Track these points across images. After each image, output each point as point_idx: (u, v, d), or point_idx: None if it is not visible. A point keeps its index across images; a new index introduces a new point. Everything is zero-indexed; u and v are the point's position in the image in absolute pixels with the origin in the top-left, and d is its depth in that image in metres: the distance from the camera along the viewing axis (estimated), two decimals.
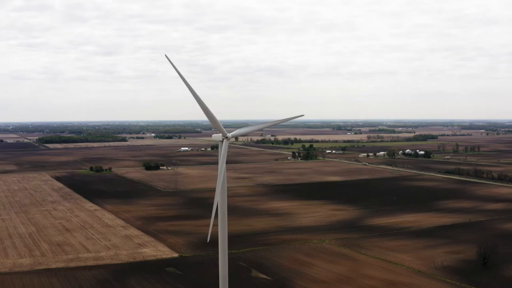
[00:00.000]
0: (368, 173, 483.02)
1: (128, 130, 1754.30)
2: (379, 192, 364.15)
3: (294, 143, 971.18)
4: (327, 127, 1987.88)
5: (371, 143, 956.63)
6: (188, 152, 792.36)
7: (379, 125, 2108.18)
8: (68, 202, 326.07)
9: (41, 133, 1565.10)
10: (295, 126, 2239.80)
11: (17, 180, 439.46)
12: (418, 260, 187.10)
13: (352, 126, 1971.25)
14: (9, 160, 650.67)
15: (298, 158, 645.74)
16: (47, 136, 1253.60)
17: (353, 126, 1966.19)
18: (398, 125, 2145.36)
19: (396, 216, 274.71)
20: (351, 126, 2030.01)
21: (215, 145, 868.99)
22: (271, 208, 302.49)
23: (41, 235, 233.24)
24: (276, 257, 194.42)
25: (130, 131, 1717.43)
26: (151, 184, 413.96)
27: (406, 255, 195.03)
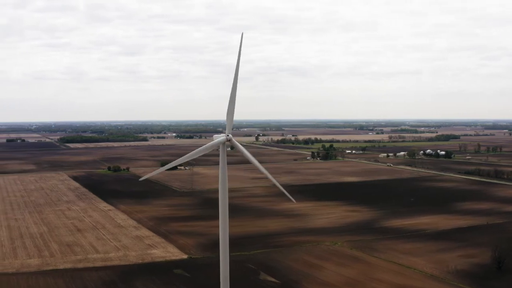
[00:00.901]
0: (386, 173, 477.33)
1: (150, 130, 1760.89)
2: (396, 193, 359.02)
3: (314, 143, 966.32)
4: (349, 127, 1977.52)
5: (392, 143, 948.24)
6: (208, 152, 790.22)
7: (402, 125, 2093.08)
8: (82, 202, 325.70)
9: (63, 132, 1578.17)
10: (316, 126, 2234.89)
11: (35, 180, 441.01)
12: (431, 264, 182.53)
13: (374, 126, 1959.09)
14: (29, 159, 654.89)
15: (317, 158, 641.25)
16: (68, 135, 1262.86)
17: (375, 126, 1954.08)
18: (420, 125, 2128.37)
19: (412, 217, 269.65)
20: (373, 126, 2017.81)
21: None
22: (286, 209, 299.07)
23: (52, 235, 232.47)
24: (286, 260, 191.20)
25: (152, 130, 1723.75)
26: (167, 184, 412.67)
27: (419, 258, 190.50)
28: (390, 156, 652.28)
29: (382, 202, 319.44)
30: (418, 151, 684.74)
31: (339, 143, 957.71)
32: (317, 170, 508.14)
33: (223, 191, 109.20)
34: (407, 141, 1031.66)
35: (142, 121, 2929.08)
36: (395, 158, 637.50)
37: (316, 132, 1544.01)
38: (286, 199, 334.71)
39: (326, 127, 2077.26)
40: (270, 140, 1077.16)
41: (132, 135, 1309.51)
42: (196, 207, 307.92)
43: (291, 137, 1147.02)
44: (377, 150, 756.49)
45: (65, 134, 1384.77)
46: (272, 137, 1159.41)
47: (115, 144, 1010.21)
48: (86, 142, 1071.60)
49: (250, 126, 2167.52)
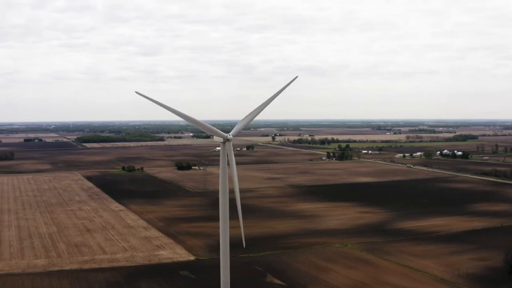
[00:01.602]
0: (402, 174, 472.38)
1: (167, 130, 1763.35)
2: (411, 194, 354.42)
3: (331, 143, 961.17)
4: (367, 127, 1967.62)
5: (410, 143, 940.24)
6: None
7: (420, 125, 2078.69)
8: (94, 202, 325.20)
9: (81, 132, 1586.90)
10: (334, 125, 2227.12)
11: (48, 180, 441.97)
12: (442, 267, 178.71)
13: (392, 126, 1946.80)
14: (45, 159, 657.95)
15: (333, 159, 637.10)
16: (85, 135, 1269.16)
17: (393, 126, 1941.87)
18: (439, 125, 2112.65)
19: (425, 219, 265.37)
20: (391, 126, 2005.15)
21: (250, 145, 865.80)
22: (298, 210, 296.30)
23: (61, 236, 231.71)
24: (294, 262, 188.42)
25: (169, 130, 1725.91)
26: (181, 184, 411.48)
27: (430, 261, 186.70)
28: (406, 156, 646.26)
29: (396, 203, 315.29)
30: (435, 151, 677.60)
31: (355, 143, 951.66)
32: (331, 171, 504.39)
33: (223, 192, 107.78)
34: (425, 141, 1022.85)
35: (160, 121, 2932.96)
36: (412, 158, 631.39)
37: (333, 132, 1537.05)
38: (299, 200, 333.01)
39: (344, 127, 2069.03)
40: (286, 140, 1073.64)
41: (149, 135, 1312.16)
42: (207, 208, 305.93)
43: (307, 137, 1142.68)
44: (393, 151, 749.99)
45: (83, 134, 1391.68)
46: (289, 137, 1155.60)
47: (132, 144, 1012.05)
48: (103, 142, 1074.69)
49: (268, 126, 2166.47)
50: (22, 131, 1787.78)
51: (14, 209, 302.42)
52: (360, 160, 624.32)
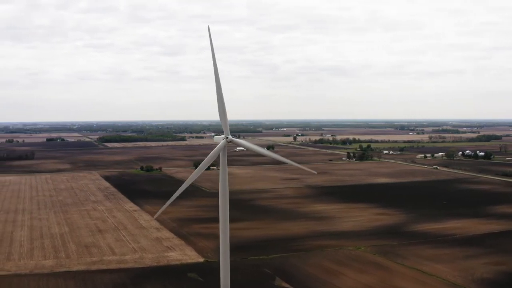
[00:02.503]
0: (422, 175, 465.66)
1: (189, 130, 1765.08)
2: (430, 195, 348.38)
3: (352, 143, 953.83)
4: (390, 127, 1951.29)
5: (432, 144, 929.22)
6: (243, 152, 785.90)
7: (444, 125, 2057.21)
8: (109, 202, 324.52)
9: (104, 132, 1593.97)
10: (357, 125, 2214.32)
11: (66, 179, 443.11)
12: (456, 271, 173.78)
13: (416, 126, 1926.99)
14: (65, 159, 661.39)
15: (353, 159, 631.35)
16: (107, 135, 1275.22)
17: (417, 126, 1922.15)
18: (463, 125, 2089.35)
19: (442, 221, 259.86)
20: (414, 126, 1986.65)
21: (271, 145, 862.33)
22: (313, 211, 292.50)
23: (72, 236, 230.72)
24: (304, 265, 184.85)
25: (191, 130, 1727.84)
26: (198, 184, 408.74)
27: (444, 265, 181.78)
28: (427, 157, 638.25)
29: (413, 204, 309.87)
30: (457, 151, 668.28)
31: (377, 143, 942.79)
32: (350, 171, 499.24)
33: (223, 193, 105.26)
34: (447, 141, 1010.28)
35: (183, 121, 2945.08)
36: (433, 159, 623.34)
37: (355, 132, 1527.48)
38: (315, 201, 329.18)
39: (367, 127, 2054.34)
40: (308, 140, 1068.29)
41: (170, 135, 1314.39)
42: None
43: (329, 137, 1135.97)
44: (415, 151, 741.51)
45: (105, 134, 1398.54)
46: (310, 137, 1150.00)
47: (153, 144, 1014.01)
48: (124, 141, 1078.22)
49: (290, 126, 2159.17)
50: (46, 130, 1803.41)
51: (29, 208, 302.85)
52: (381, 160, 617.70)
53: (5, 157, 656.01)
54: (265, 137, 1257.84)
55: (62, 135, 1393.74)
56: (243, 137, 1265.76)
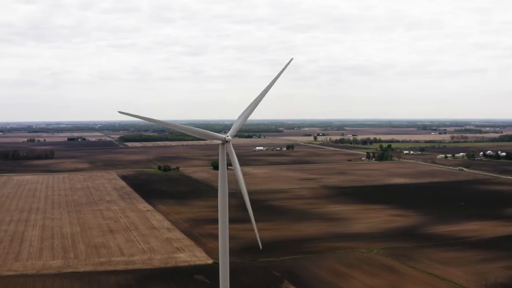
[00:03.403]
0: (441, 175, 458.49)
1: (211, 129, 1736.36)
2: (448, 196, 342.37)
3: (373, 143, 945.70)
4: (412, 127, 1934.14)
5: (453, 144, 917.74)
6: (263, 151, 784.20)
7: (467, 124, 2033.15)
8: (124, 202, 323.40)
9: (125, 131, 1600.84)
10: (379, 125, 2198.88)
11: (83, 179, 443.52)
12: (469, 276, 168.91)
13: (438, 126, 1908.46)
14: (84, 158, 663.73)
15: (373, 159, 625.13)
16: (128, 134, 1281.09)
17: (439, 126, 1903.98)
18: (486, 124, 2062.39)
19: (459, 223, 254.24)
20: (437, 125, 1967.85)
21: (291, 145, 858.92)
22: (328, 212, 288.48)
23: (83, 236, 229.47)
24: (314, 267, 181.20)
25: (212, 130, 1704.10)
26: (214, 184, 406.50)
27: (458, 269, 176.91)
28: (448, 157, 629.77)
29: (430, 206, 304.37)
30: (478, 152, 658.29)
31: (398, 143, 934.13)
32: (369, 171, 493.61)
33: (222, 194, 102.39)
34: (469, 141, 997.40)
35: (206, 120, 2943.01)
36: (454, 159, 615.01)
37: (377, 131, 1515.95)
38: (331, 201, 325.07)
39: (389, 126, 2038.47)
40: (328, 140, 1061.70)
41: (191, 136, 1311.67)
42: (235, 209, 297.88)
43: (350, 137, 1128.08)
44: (436, 151, 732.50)
45: (126, 133, 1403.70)
46: (331, 136, 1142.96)
47: (173, 143, 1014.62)
48: (145, 141, 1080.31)
49: (312, 126, 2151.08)
50: (68, 130, 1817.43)
51: (43, 208, 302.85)
52: (400, 160, 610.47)
53: (25, 156, 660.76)
54: (285, 137, 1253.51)
55: (84, 134, 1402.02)
56: (264, 137, 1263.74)
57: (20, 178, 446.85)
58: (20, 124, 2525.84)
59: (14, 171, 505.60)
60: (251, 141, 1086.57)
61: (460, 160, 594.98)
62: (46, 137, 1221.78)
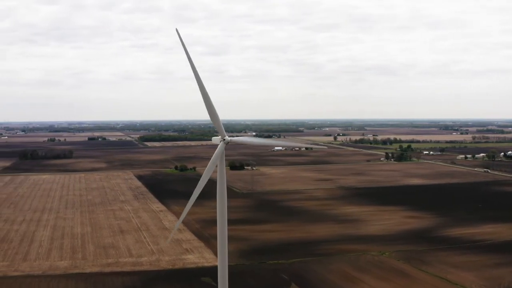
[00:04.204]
0: (460, 176, 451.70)
1: (231, 129, 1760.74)
2: (465, 197, 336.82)
3: (393, 143, 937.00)
4: (434, 127, 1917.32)
5: (474, 144, 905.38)
6: (281, 151, 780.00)
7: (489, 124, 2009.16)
8: (137, 202, 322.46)
9: (146, 131, 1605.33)
10: (400, 125, 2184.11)
11: (99, 179, 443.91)
12: (482, 280, 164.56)
13: (460, 126, 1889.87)
14: (103, 158, 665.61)
15: (391, 159, 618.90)
16: (148, 134, 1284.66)
17: (461, 126, 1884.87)
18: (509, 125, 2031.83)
19: (475, 226, 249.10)
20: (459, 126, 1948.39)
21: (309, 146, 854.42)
22: (342, 214, 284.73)
23: (93, 237, 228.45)
24: (324, 270, 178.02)
25: (233, 130, 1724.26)
26: (229, 184, 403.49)
27: (471, 273, 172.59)
28: (468, 157, 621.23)
29: (447, 207, 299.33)
30: (498, 152, 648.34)
31: (419, 143, 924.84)
32: (387, 172, 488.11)
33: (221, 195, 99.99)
34: (491, 142, 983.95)
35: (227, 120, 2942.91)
36: (473, 160, 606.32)
37: (398, 132, 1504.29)
38: (346, 203, 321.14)
39: (411, 126, 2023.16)
40: (348, 140, 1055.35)
41: (212, 134, 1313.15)
42: (249, 210, 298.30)
43: (370, 137, 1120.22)
44: (456, 151, 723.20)
45: (147, 133, 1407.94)
46: (351, 137, 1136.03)
47: (192, 143, 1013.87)
48: (164, 140, 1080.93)
49: (333, 126, 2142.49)
50: (89, 129, 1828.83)
51: (56, 208, 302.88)
52: (419, 161, 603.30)
53: (44, 155, 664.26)
54: (305, 137, 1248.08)
55: (105, 134, 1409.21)
56: (284, 137, 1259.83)
57: (36, 178, 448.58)
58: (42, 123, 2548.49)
59: (32, 171, 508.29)
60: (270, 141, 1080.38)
61: (480, 161, 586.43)
62: (67, 137, 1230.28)
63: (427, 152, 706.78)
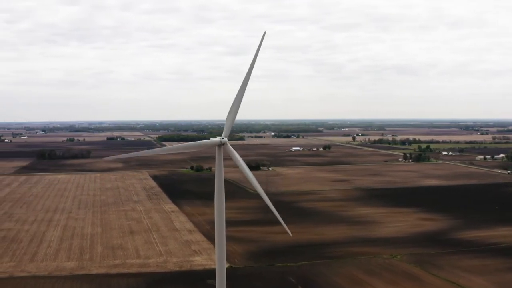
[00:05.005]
0: (478, 177, 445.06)
1: (250, 129, 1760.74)
2: (482, 199, 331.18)
3: (412, 143, 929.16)
4: (454, 127, 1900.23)
5: (494, 145, 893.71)
6: (299, 151, 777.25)
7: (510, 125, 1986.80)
8: (150, 203, 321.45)
9: (165, 131, 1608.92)
10: (420, 125, 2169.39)
11: (115, 179, 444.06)
12: (493, 285, 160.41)
13: (481, 126, 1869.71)
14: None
15: (409, 160, 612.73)
16: (166, 134, 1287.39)
17: (482, 126, 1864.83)
18: None
19: (490, 228, 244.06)
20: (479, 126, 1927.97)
21: (328, 145, 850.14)
22: (356, 215, 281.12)
23: (102, 237, 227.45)
24: (332, 274, 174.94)
25: (252, 130, 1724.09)
26: (244, 185, 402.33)
27: (482, 278, 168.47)
28: (487, 158, 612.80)
29: (463, 209, 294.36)
30: None
31: (438, 144, 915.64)
32: (404, 173, 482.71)
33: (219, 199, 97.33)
34: (511, 142, 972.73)
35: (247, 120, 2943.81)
36: (493, 160, 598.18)
37: (418, 132, 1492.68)
38: (360, 204, 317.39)
39: (431, 126, 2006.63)
40: (367, 140, 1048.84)
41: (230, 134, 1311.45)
42: (261, 211, 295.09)
43: (389, 137, 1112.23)
44: (476, 152, 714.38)
45: (166, 133, 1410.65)
46: (370, 137, 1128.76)
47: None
48: (183, 140, 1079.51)
49: (353, 126, 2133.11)
50: (109, 129, 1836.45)
51: (68, 208, 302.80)
52: (438, 162, 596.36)
53: (61, 155, 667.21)
54: (324, 137, 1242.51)
55: (124, 134, 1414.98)
56: (302, 137, 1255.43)
57: (52, 178, 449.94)
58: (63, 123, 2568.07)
59: (48, 171, 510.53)
60: (289, 141, 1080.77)
61: (499, 162, 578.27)
62: (86, 137, 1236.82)
63: (446, 152, 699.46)
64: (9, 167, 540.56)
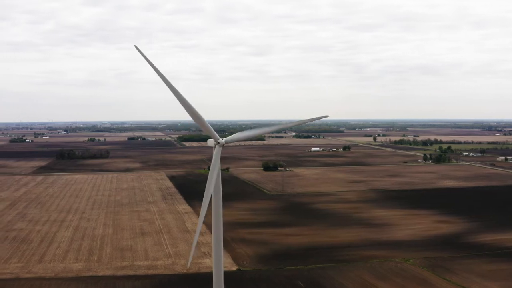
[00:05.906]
0: (498, 179, 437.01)
1: None
2: (502, 201, 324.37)
3: (433, 144, 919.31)
4: (477, 127, 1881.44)
5: None
6: (318, 152, 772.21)
7: None
8: (164, 203, 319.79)
9: (186, 131, 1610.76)
10: (443, 126, 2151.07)
11: (131, 179, 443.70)
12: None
13: (504, 127, 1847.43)
14: (138, 158, 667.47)
15: (429, 161, 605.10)
16: (186, 134, 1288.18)
17: (505, 127, 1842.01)
18: None
19: (508, 232, 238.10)
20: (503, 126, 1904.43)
21: (348, 146, 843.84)
22: (370, 217, 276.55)
23: (113, 238, 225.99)
24: (342, 278, 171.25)
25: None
26: (260, 186, 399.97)
27: (496, 283, 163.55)
28: (509, 159, 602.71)
29: (480, 211, 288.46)
30: None
31: (460, 144, 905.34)
32: (423, 174, 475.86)
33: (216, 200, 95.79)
34: None
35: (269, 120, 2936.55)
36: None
37: (440, 132, 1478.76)
38: (376, 206, 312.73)
39: (454, 127, 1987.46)
40: (388, 140, 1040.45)
41: None
42: (275, 212, 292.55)
43: (410, 138, 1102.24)
44: (498, 153, 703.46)
45: (187, 133, 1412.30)
46: (391, 137, 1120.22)
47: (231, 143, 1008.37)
48: (203, 141, 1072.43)
49: (375, 126, 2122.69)
50: (131, 129, 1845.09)
51: (82, 208, 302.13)
52: (458, 163, 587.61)
53: (80, 155, 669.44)
54: (345, 137, 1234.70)
55: (145, 134, 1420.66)
56: (323, 137, 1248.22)
57: (69, 177, 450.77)
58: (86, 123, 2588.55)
59: (66, 170, 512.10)
60: (309, 142, 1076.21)
61: None
62: (107, 137, 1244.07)
63: (467, 153, 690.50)
64: (27, 167, 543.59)
